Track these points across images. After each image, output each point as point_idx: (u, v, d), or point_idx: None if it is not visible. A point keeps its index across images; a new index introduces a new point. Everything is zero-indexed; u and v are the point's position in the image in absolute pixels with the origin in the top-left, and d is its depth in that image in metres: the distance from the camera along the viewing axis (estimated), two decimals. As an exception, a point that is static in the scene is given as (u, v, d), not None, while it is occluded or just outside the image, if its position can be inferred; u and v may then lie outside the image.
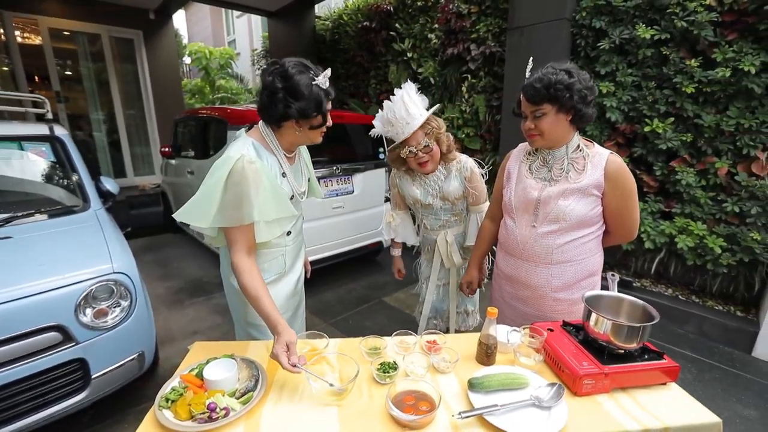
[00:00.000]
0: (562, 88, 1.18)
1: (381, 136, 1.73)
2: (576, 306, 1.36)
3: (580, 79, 1.20)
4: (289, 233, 1.38)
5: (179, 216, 1.19)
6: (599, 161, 1.27)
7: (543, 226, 1.31)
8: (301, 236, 1.54)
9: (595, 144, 1.34)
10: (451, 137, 1.69)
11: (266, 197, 1.18)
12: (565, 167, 1.30)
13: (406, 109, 1.57)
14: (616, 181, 1.25)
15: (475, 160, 1.76)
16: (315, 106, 1.19)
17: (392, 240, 2.04)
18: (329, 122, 1.27)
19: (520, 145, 1.49)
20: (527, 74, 1.29)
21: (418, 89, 1.67)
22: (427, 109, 1.65)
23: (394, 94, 1.62)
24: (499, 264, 1.51)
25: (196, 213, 1.18)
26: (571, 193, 1.26)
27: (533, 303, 1.40)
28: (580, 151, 1.30)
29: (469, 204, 1.79)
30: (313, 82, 1.17)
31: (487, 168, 1.80)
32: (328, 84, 1.20)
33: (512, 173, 1.43)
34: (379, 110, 1.65)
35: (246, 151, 1.18)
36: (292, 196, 1.32)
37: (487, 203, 1.73)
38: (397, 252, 2.07)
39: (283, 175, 1.28)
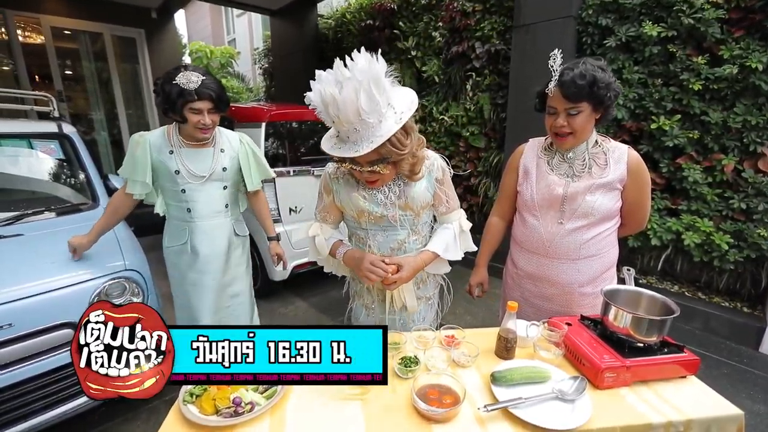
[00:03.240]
0: (604, 86, 1.16)
1: None
2: (599, 299, 1.35)
3: (612, 77, 1.20)
4: (189, 210, 1.66)
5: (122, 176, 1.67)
6: (620, 156, 1.28)
7: (571, 222, 1.30)
8: (220, 222, 1.73)
9: (610, 138, 1.35)
10: (422, 150, 1.19)
11: (130, 161, 1.60)
12: (587, 162, 1.29)
13: (360, 114, 0.98)
14: (637, 174, 1.27)
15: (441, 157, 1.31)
16: (167, 101, 1.49)
17: (329, 254, 1.34)
18: (190, 119, 1.51)
19: (531, 140, 1.47)
20: (555, 68, 1.21)
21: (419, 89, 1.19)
22: (399, 102, 1.06)
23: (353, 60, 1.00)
24: (519, 263, 1.46)
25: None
26: (597, 188, 1.27)
27: (559, 300, 1.38)
28: (599, 146, 1.30)
29: (439, 213, 1.32)
30: (173, 81, 1.44)
31: (488, 166, 1.61)
32: (192, 85, 1.45)
33: (530, 169, 1.39)
34: (325, 74, 1.03)
35: (150, 131, 1.63)
36: (177, 171, 1.60)
37: (461, 210, 1.36)
38: (345, 249, 1.32)
39: (170, 152, 1.60)
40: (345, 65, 1.00)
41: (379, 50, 1.03)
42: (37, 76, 5.65)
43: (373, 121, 1.00)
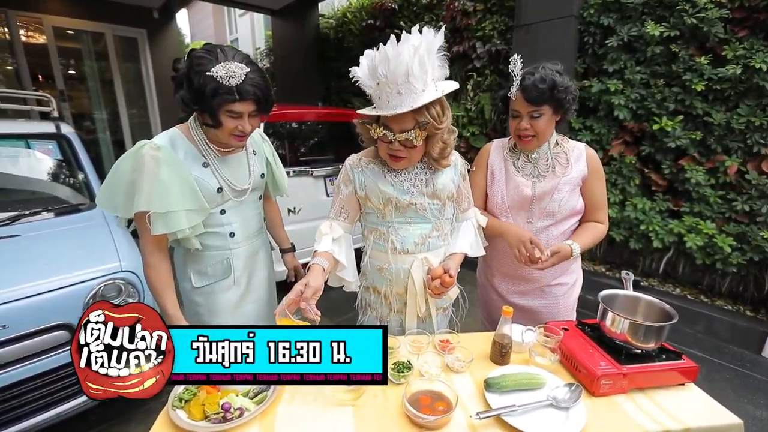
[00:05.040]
0: (563, 90, 1.22)
1: None
2: (573, 289, 1.46)
3: (569, 80, 1.26)
4: (232, 234, 1.30)
5: (99, 202, 1.23)
6: (579, 153, 1.36)
7: (540, 221, 1.36)
8: (260, 241, 1.44)
9: (568, 138, 1.41)
10: (453, 138, 1.18)
11: (159, 187, 1.10)
12: (551, 162, 1.35)
13: (408, 75, 1.00)
14: (595, 168, 1.35)
15: None
16: (195, 98, 1.08)
17: (315, 252, 1.20)
18: (226, 125, 1.12)
19: (495, 141, 1.49)
20: (516, 73, 1.26)
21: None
22: (441, 83, 1.09)
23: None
24: (493, 264, 1.51)
25: (108, 198, 1.20)
26: (563, 185, 1.32)
27: (534, 294, 1.44)
28: (559, 146, 1.37)
29: (462, 210, 1.33)
30: (207, 72, 1.04)
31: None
32: (234, 80, 1.05)
33: (496, 172, 1.42)
34: (374, 50, 1.06)
35: (159, 139, 1.17)
36: (220, 188, 1.23)
37: (475, 207, 1.39)
38: (322, 262, 1.15)
39: (205, 165, 1.21)
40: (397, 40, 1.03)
41: (444, 26, 1.16)
42: (39, 76, 5.67)
43: (418, 88, 1.03)
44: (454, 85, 1.11)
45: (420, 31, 1.03)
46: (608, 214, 1.44)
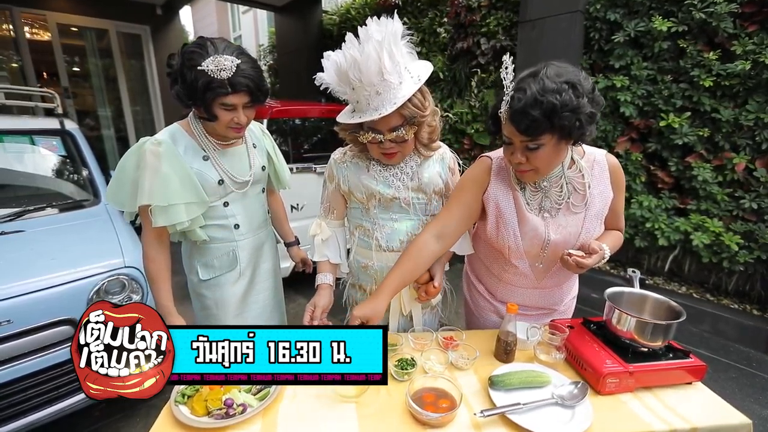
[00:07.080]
0: (569, 114, 0.87)
1: None
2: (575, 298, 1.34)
3: (586, 91, 0.90)
4: (237, 227, 1.33)
5: (108, 198, 1.29)
6: (600, 171, 1.08)
7: (554, 266, 1.16)
8: (265, 234, 1.47)
9: (583, 146, 1.10)
10: (438, 120, 1.15)
11: (160, 181, 1.14)
12: (566, 191, 1.07)
13: (382, 72, 0.97)
14: (620, 184, 1.12)
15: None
16: (189, 93, 1.11)
17: (319, 262, 1.30)
18: (221, 118, 1.14)
19: (494, 159, 1.13)
20: (507, 84, 0.95)
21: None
22: (414, 68, 1.05)
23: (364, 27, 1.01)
24: (498, 293, 1.29)
25: (115, 194, 1.24)
26: (589, 222, 1.09)
27: (541, 317, 1.29)
28: (575, 164, 1.07)
29: None
30: (198, 67, 1.07)
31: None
32: (225, 73, 1.07)
33: (504, 209, 1.10)
34: (335, 53, 1.05)
35: (160, 135, 1.20)
36: (221, 180, 1.26)
37: None
38: (326, 279, 1.25)
39: (205, 158, 1.24)
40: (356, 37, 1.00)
41: (395, 11, 1.07)
42: (44, 73, 5.69)
43: (395, 82, 1.00)
44: (428, 68, 1.07)
45: (374, 22, 1.00)
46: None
